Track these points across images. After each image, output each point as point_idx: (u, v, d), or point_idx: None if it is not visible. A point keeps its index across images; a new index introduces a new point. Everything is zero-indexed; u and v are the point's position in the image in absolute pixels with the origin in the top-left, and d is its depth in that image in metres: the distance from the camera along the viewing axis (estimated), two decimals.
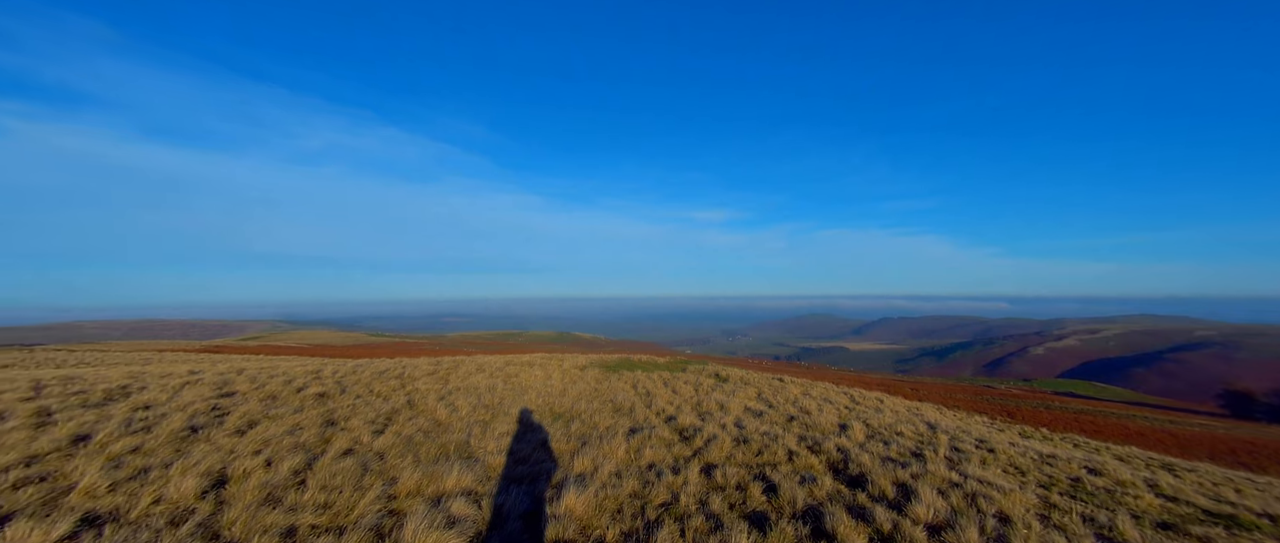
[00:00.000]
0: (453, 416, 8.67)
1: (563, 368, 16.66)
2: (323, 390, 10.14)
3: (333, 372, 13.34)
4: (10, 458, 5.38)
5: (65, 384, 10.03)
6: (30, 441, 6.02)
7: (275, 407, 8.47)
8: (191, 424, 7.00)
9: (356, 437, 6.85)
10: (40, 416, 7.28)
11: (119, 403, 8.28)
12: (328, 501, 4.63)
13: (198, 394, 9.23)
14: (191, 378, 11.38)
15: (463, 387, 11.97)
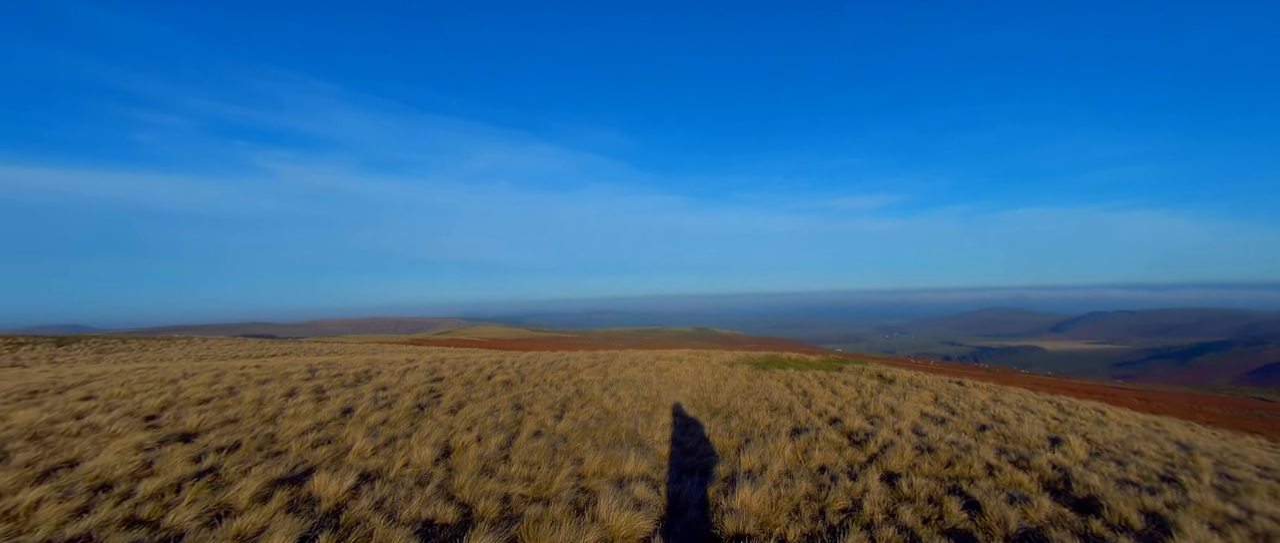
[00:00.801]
0: (618, 406, 9.24)
1: (711, 364, 16.75)
2: (507, 379, 11.57)
3: (511, 362, 15.15)
4: (306, 423, 7.09)
5: (328, 368, 12.91)
6: (315, 411, 7.85)
7: (474, 391, 9.90)
8: (418, 403, 8.50)
9: (542, 421, 7.68)
10: (317, 392, 9.47)
11: (365, 384, 10.40)
12: (530, 475, 5.27)
13: (417, 379, 11.19)
14: (409, 365, 13.84)
15: (620, 379, 12.70)
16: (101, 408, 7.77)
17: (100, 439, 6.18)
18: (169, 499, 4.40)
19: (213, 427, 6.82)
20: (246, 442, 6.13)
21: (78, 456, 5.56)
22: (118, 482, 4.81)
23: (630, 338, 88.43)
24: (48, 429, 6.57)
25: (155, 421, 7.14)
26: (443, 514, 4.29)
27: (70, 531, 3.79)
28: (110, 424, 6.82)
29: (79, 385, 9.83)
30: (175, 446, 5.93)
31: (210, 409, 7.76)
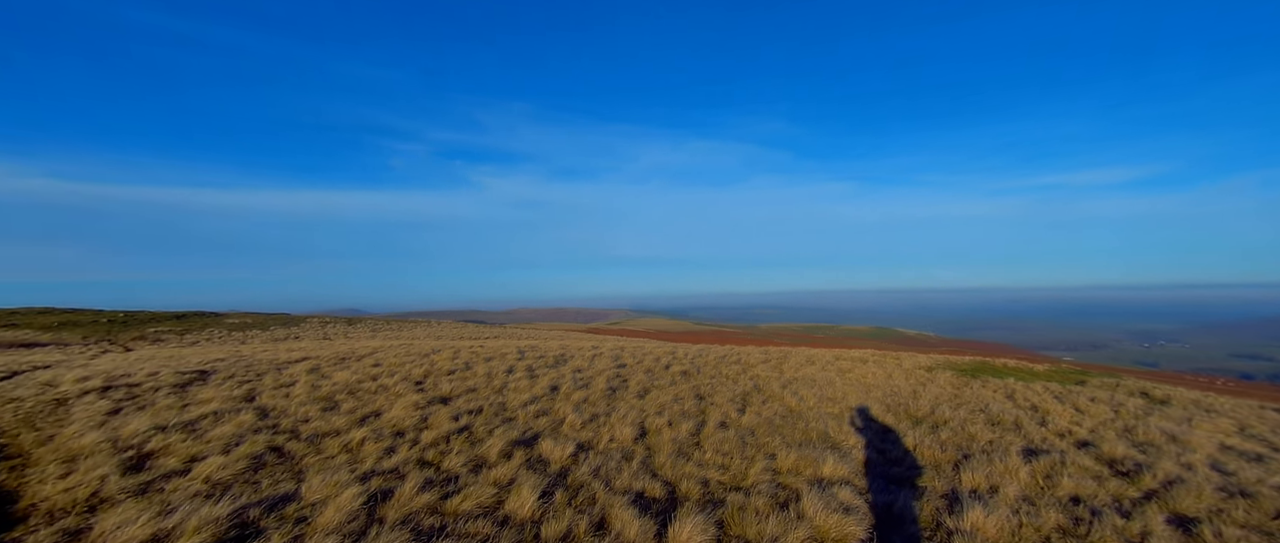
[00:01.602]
0: (801, 404, 8.87)
1: (903, 367, 15.03)
2: (684, 370, 11.96)
3: (684, 354, 15.62)
4: (525, 396, 8.26)
5: (532, 351, 14.88)
6: (531, 386, 9.10)
7: (655, 379, 10.45)
8: (610, 386, 9.29)
9: (726, 412, 7.77)
10: (529, 371, 10.96)
11: (564, 366, 11.73)
12: (723, 463, 5.37)
13: (604, 365, 12.24)
14: (595, 352, 15.22)
15: (798, 377, 12.17)
16: (386, 374, 10.13)
17: (390, 397, 8.07)
18: (442, 448, 5.54)
19: (460, 393, 8.38)
20: (485, 408, 7.41)
21: (379, 408, 7.34)
22: (407, 431, 6.22)
23: (799, 335, 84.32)
24: (356, 386, 8.79)
25: (421, 385, 9.05)
26: (650, 489, 4.61)
27: (385, 464, 5.02)
28: (394, 386, 8.85)
29: (369, 355, 12.95)
30: (438, 406, 7.44)
31: (455, 379, 9.54)
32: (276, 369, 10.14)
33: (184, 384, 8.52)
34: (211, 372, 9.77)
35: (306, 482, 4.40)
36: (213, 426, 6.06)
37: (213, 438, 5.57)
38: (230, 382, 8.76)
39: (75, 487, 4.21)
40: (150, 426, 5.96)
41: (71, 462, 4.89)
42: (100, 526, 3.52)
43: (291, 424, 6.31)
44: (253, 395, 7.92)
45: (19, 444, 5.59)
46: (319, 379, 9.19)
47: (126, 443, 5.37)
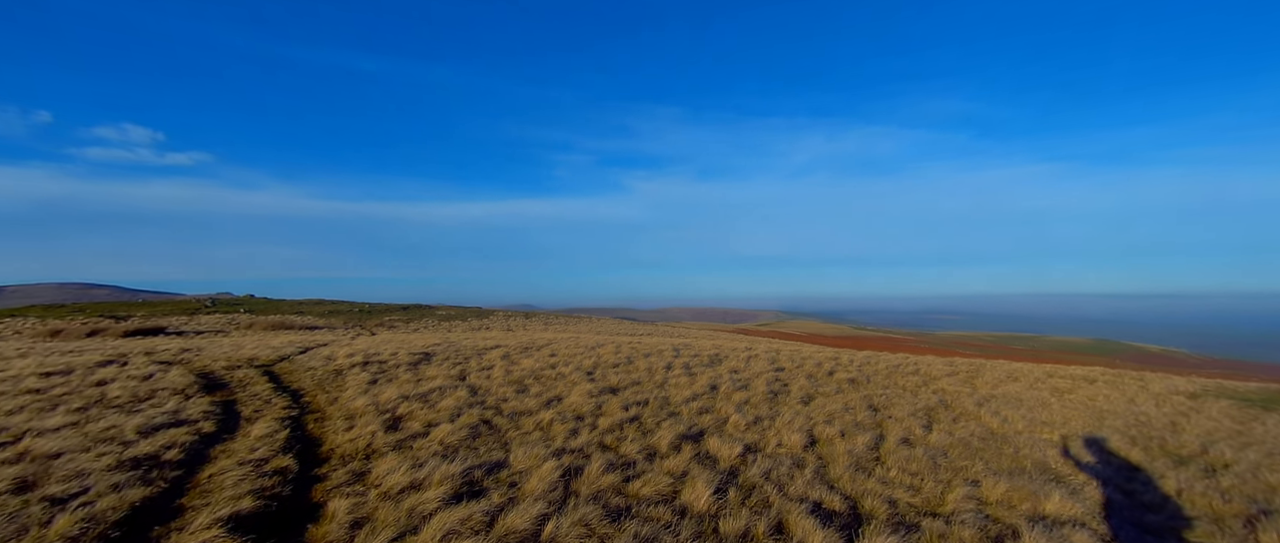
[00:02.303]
0: (1005, 427, 7.58)
1: (1151, 391, 11.89)
2: (851, 377, 11.08)
3: (849, 360, 14.48)
4: (686, 393, 8.45)
5: (686, 349, 15.17)
6: (690, 384, 9.28)
7: (819, 385, 9.86)
8: (770, 390, 9.03)
9: (907, 428, 7.00)
10: (686, 368, 11.19)
11: (719, 366, 11.74)
12: (913, 484, 4.84)
13: (760, 367, 11.94)
14: (750, 353, 14.94)
15: (997, 395, 10.42)
16: (562, 363, 11.23)
17: (567, 384, 8.93)
18: (618, 434, 5.95)
19: (626, 386, 8.91)
20: (651, 401, 7.77)
21: (559, 394, 8.17)
22: (586, 416, 6.82)
23: (988, 345, 72.35)
24: (539, 373, 9.90)
25: (592, 375, 9.84)
26: (828, 501, 4.37)
27: (571, 444, 5.57)
28: (569, 375, 9.77)
29: (546, 346, 14.48)
30: (609, 396, 8.02)
31: (620, 372, 10.18)
32: (478, 354, 11.92)
33: (415, 363, 10.51)
34: (432, 354, 11.88)
35: (512, 453, 5.09)
36: (439, 398, 7.37)
37: (441, 408, 6.76)
38: (446, 363, 10.55)
39: (356, 438, 5.47)
40: (397, 395, 7.49)
41: (350, 419, 6.37)
42: (375, 470, 4.52)
43: (495, 402, 7.36)
44: (463, 375, 9.43)
45: (317, 402, 7.47)
46: (510, 365, 10.56)
47: (384, 407, 6.81)
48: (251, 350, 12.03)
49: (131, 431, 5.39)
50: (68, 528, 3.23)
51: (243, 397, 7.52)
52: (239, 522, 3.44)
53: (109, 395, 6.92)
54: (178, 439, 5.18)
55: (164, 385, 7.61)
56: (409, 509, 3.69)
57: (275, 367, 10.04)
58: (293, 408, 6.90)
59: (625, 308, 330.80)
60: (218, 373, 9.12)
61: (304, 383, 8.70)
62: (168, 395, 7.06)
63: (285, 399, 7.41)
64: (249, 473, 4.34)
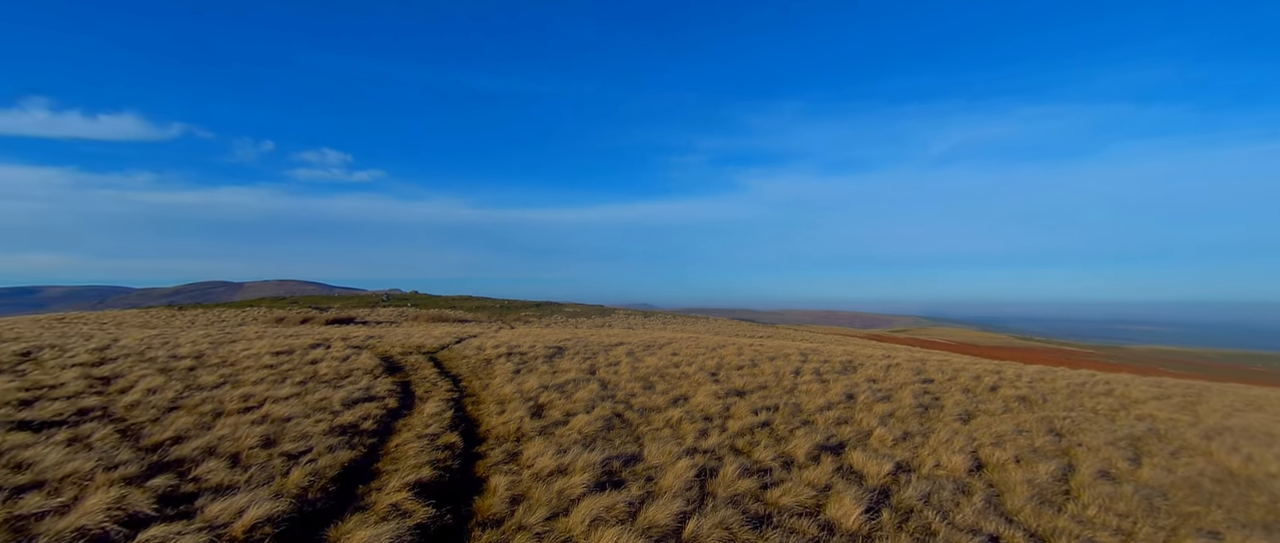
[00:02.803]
0: (1249, 466, 5.96)
1: None
2: (1021, 394, 9.55)
3: (1015, 374, 12.51)
4: (820, 401, 7.93)
5: (814, 354, 14.30)
6: (823, 391, 8.71)
7: (979, 402, 8.64)
8: (919, 403, 8.12)
9: (1107, 459, 5.82)
10: (816, 374, 10.54)
11: (853, 374, 10.86)
12: (1121, 527, 3.99)
13: (903, 377, 10.81)
14: (889, 361, 13.62)
15: (1232, 427, 8.23)
16: (684, 362, 11.26)
17: (692, 384, 8.92)
18: (749, 438, 5.77)
19: (753, 389, 8.64)
20: (781, 406, 7.43)
21: (685, 393, 8.18)
22: (713, 417, 6.74)
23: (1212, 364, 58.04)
24: (663, 371, 10.02)
25: (715, 377, 9.72)
26: (1008, 536, 3.77)
27: (702, 444, 5.52)
28: (693, 375, 9.75)
29: (666, 345, 14.66)
30: (736, 399, 7.84)
31: (745, 375, 9.91)
32: (604, 350, 12.46)
33: (550, 356, 11.30)
34: (564, 348, 12.68)
35: (646, 448, 5.19)
36: (574, 390, 7.81)
37: (577, 400, 7.16)
38: (577, 358, 11.18)
39: (507, 422, 6.00)
40: (538, 385, 8.09)
41: (501, 404, 7.01)
42: (526, 452, 4.91)
43: (624, 397, 7.61)
44: (593, 370, 9.91)
45: (472, 387, 8.35)
46: (635, 362, 10.86)
47: (527, 395, 7.40)
48: (419, 339, 13.89)
49: (338, 402, 6.51)
50: (300, 480, 3.97)
51: (415, 379, 8.69)
52: (422, 488, 3.94)
53: (320, 372, 8.43)
54: (371, 412, 6.13)
55: (357, 366, 9.07)
56: (558, 491, 3.93)
57: (438, 354, 11.47)
58: (454, 391, 7.80)
59: (742, 309, 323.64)
60: (395, 357, 10.66)
61: (461, 370, 9.80)
62: (361, 374, 8.41)
63: (448, 383, 8.41)
64: (425, 446, 4.97)
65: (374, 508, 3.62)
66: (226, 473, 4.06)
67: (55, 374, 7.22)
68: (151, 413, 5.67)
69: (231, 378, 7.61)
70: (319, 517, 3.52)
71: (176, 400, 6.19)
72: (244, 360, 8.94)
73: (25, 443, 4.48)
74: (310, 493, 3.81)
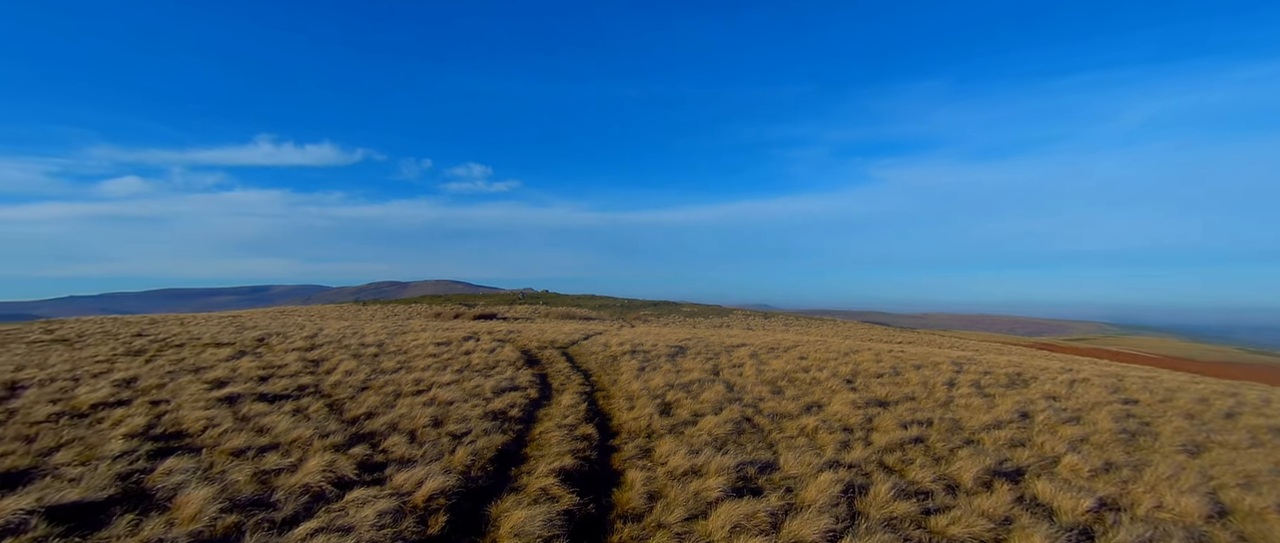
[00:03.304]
0: None
1: None
2: (1274, 424, 7.41)
3: (1262, 398, 9.76)
4: (985, 418, 6.90)
5: (971, 364, 12.54)
6: (987, 407, 7.58)
7: (1210, 431, 6.87)
8: (1121, 428, 6.68)
9: None
10: (976, 387, 9.22)
11: (1026, 389, 9.30)
12: None
13: (1094, 395, 9.00)
14: (1071, 376, 11.46)
15: None
16: (814, 367, 10.58)
17: (825, 391, 8.33)
18: (899, 455, 5.20)
19: (898, 400, 7.81)
20: (935, 421, 6.60)
21: (819, 400, 7.66)
22: (854, 428, 6.20)
23: None
24: (791, 375, 9.51)
25: (852, 384, 8.97)
26: None
27: (844, 457, 5.09)
28: (825, 381, 9.11)
29: (792, 348, 13.93)
30: (878, 410, 7.14)
31: (887, 384, 9.00)
32: (726, 351, 12.21)
33: (672, 355, 11.37)
34: (685, 348, 12.69)
35: (781, 456, 4.93)
36: (700, 390, 7.73)
37: (703, 400, 7.08)
38: (699, 358, 11.10)
39: (638, 418, 6.12)
40: (664, 383, 8.16)
41: (630, 400, 7.19)
42: (658, 449, 4.94)
43: (752, 400, 7.35)
44: (717, 371, 9.75)
45: (602, 382, 8.69)
46: (760, 365, 10.47)
47: (654, 393, 7.49)
48: (551, 335, 14.90)
49: (488, 389, 7.18)
50: (464, 458, 4.42)
51: (551, 371, 9.30)
52: (566, 475, 4.15)
53: (472, 362, 9.40)
54: (516, 401, 6.65)
55: (502, 358, 9.96)
56: (694, 493, 3.87)
57: (569, 349, 12.17)
58: (585, 386, 8.18)
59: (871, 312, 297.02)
60: (533, 351, 11.53)
61: (590, 365, 10.28)
62: (506, 365, 9.22)
63: (579, 377, 8.86)
64: (565, 436, 5.25)
65: (526, 490, 3.88)
66: (406, 447, 4.66)
67: (281, 356, 8.96)
68: (348, 391, 6.75)
69: (405, 364, 8.81)
70: (481, 494, 3.87)
71: (366, 381, 7.30)
72: (413, 349, 10.30)
73: (264, 412, 5.59)
74: (473, 471, 4.21)
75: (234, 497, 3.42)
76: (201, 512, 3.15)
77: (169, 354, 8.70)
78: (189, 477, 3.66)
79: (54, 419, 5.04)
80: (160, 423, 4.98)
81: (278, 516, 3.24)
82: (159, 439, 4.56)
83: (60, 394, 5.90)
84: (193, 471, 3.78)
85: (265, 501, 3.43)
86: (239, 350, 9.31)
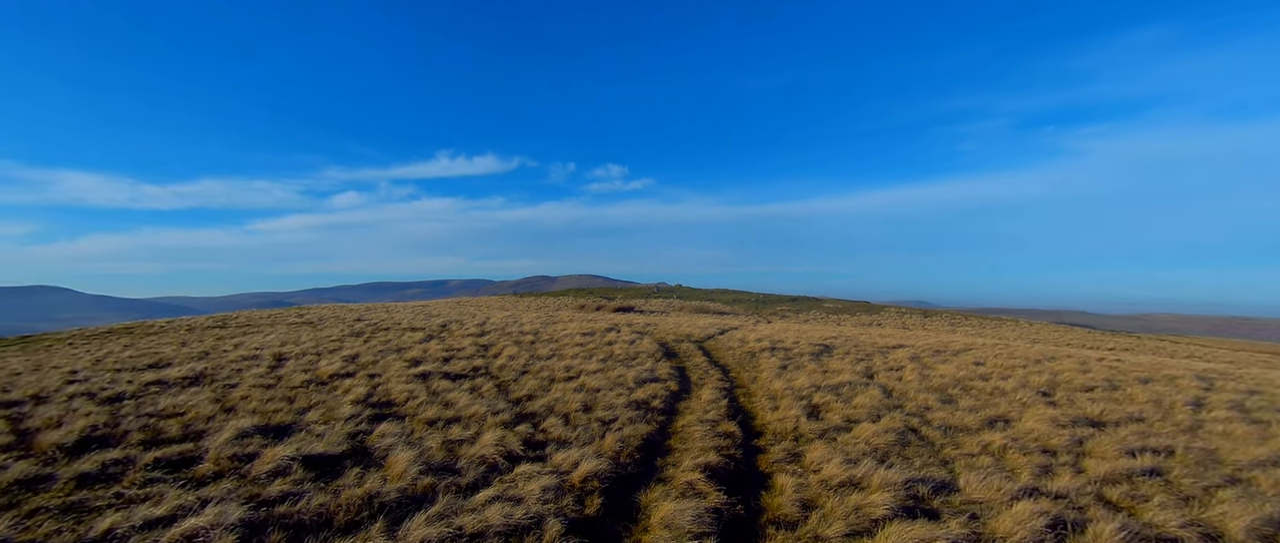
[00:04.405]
0: None
1: None
2: None
3: None
4: (1253, 452, 5.25)
5: (1222, 380, 9.68)
6: (1256, 437, 5.78)
7: None
8: None
9: None
10: (1239, 411, 7.09)
11: None
12: None
13: None
14: None
15: None
16: (995, 375, 9.07)
17: (1011, 403, 7.07)
18: (1127, 490, 4.17)
19: (1119, 420, 6.32)
20: (1177, 449, 5.19)
21: (1004, 414, 6.51)
22: (1057, 451, 5.14)
23: None
24: (965, 383, 8.25)
25: (1048, 397, 7.49)
26: None
27: (1047, 485, 4.24)
28: (1012, 391, 7.73)
29: (964, 351, 12.11)
30: (1089, 430, 5.85)
31: (1099, 399, 7.35)
32: (881, 353, 11.08)
33: (816, 354, 10.65)
34: (831, 346, 11.80)
35: (960, 476, 4.27)
36: (851, 394, 7.10)
37: (856, 405, 6.48)
38: (848, 358, 10.23)
39: (783, 419, 5.81)
40: (809, 384, 7.66)
41: (773, 399, 6.87)
42: (808, 455, 4.62)
43: (915, 409, 6.53)
44: (870, 373, 8.88)
45: (741, 379, 8.46)
46: (923, 369, 9.29)
47: (799, 393, 7.06)
48: (687, 329, 14.99)
49: (631, 379, 7.43)
50: (613, 444, 4.60)
51: (689, 365, 9.33)
52: (711, 472, 4.09)
53: (614, 352, 9.83)
54: (657, 392, 6.78)
55: (641, 350, 10.27)
56: (855, 507, 3.52)
57: (705, 344, 12.12)
58: (724, 381, 8.03)
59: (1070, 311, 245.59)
60: (670, 344, 11.71)
61: (727, 361, 10.10)
62: (645, 357, 9.48)
63: (718, 372, 8.75)
64: (708, 431, 5.19)
65: (672, 482, 3.90)
66: (562, 429, 5.01)
67: (458, 340, 10.32)
68: (511, 375, 7.51)
69: (556, 352, 9.54)
70: (629, 480, 3.98)
71: (525, 367, 8.05)
72: (563, 339, 11.13)
73: (448, 388, 6.45)
74: (621, 457, 4.36)
75: (429, 461, 3.97)
76: (406, 472, 3.72)
77: (379, 336, 10.55)
78: (396, 441, 4.36)
79: (305, 385, 6.40)
80: (375, 393, 6.04)
81: (462, 481, 3.68)
82: (375, 406, 5.52)
83: (309, 365, 7.49)
84: (399, 435, 4.49)
85: (451, 467, 3.93)
86: (428, 335, 10.94)
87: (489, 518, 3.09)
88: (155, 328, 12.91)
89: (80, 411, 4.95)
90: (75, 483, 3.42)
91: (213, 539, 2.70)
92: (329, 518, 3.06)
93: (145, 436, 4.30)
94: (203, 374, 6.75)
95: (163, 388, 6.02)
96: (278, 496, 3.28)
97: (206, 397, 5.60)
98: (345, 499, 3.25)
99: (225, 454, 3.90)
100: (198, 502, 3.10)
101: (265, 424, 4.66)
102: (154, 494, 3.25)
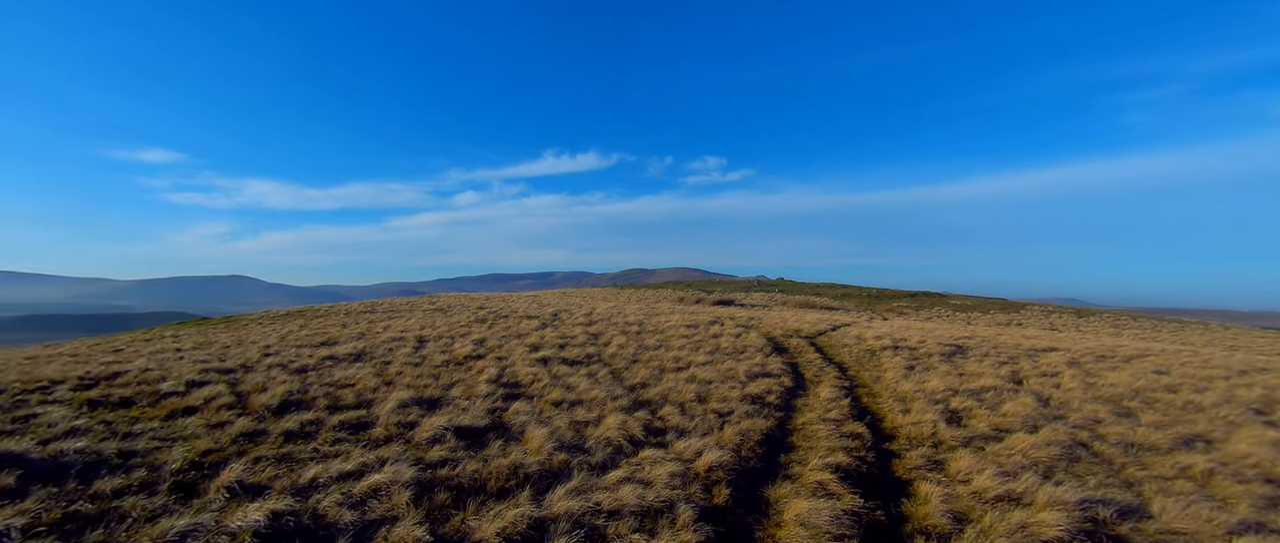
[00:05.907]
0: None
1: None
2: None
3: None
4: None
5: None
6: None
7: None
8: None
9: None
10: None
11: None
12: None
13: None
14: None
15: None
16: (1183, 386, 7.58)
17: (1213, 421, 5.85)
18: None
19: None
20: None
21: (1202, 433, 5.42)
22: None
23: None
24: (1146, 395, 6.97)
25: (1266, 417, 6.11)
26: None
27: (1274, 520, 3.45)
28: (1213, 408, 6.41)
29: (1138, 358, 10.25)
30: None
31: None
32: (1029, 356, 9.75)
33: (948, 354, 9.65)
34: (964, 347, 10.62)
35: (1151, 502, 3.61)
36: (997, 401, 6.33)
37: (1006, 413, 5.76)
38: (988, 360, 9.13)
39: (918, 424, 5.33)
40: (943, 387, 6.95)
41: (902, 401, 6.33)
42: (953, 464, 4.19)
43: (1082, 422, 5.65)
44: (1018, 378, 7.85)
45: (862, 379, 7.91)
46: (1087, 376, 8.02)
47: (933, 397, 6.44)
48: (794, 324, 14.38)
49: (741, 373, 7.29)
50: (733, 436, 4.54)
51: (801, 361, 8.93)
52: (843, 473, 3.87)
53: (721, 345, 9.71)
54: (770, 387, 6.57)
55: (748, 343, 10.03)
56: (1019, 525, 3.12)
57: (817, 340, 11.53)
58: (842, 380, 7.57)
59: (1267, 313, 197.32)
60: (778, 338, 11.31)
61: (844, 358, 9.51)
62: (753, 351, 9.25)
63: (834, 370, 8.27)
64: (832, 431, 4.92)
65: (800, 480, 3.75)
66: (679, 418, 5.05)
67: (570, 328, 10.84)
68: (623, 362, 7.72)
69: (663, 343, 9.65)
70: (753, 474, 3.90)
71: (635, 356, 8.24)
72: (667, 330, 11.23)
73: (567, 373, 6.80)
74: (742, 450, 4.29)
75: (560, 439, 4.21)
76: (542, 447, 3.97)
77: (501, 323, 11.43)
78: (529, 418, 4.68)
79: (444, 365, 7.11)
80: (504, 374, 6.54)
81: (592, 460, 3.85)
82: (506, 386, 5.98)
83: (445, 347, 8.31)
84: (530, 414, 4.82)
85: (581, 446, 4.13)
86: (542, 323, 11.64)
87: (623, 497, 3.19)
88: (320, 312, 15.16)
89: (277, 378, 5.94)
90: (283, 438, 4.10)
91: (393, 494, 3.09)
92: (482, 484, 3.36)
93: (328, 401, 5.05)
94: (363, 352, 7.78)
95: (335, 362, 7.03)
96: (438, 460, 3.68)
97: (369, 371, 6.45)
98: (494, 468, 3.55)
99: (391, 421, 4.45)
100: (377, 461, 3.57)
101: (419, 397, 5.26)
102: (342, 452, 3.80)
